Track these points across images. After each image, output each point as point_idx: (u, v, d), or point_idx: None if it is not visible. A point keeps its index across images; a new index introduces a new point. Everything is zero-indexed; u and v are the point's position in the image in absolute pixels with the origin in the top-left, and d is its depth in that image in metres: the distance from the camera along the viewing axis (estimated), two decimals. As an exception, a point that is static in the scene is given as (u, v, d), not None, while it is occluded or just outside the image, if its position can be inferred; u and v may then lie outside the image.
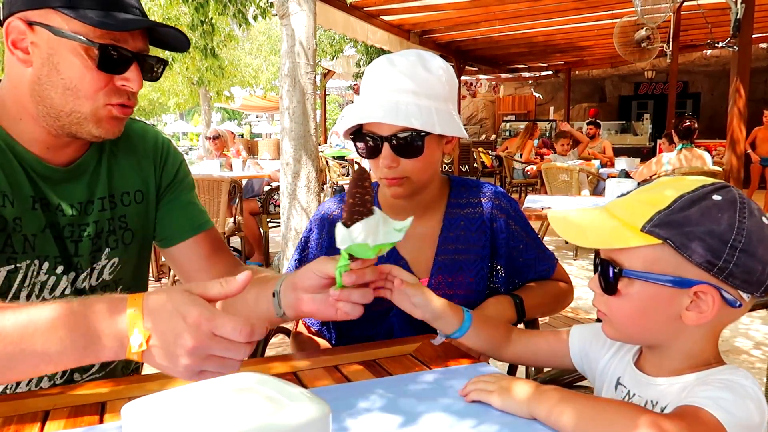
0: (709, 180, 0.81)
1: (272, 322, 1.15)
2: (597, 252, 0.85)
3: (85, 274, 1.14)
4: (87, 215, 1.13)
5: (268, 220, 5.38)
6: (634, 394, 0.87)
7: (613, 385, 0.92)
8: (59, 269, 1.09)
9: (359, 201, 0.89)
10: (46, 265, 1.07)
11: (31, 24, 0.97)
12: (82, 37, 0.97)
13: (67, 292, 1.11)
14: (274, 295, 1.09)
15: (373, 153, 1.21)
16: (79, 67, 0.98)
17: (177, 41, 1.07)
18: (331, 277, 0.96)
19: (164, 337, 0.74)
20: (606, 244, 0.81)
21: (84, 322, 0.75)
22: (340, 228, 0.90)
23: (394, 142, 1.18)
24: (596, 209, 0.85)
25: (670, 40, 7.37)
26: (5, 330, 0.74)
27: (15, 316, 0.75)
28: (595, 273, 0.85)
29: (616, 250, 0.81)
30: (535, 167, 6.98)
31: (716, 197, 0.77)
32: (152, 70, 1.08)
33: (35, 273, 1.07)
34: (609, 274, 0.81)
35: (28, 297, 1.07)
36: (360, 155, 1.26)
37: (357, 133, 1.23)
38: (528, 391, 0.82)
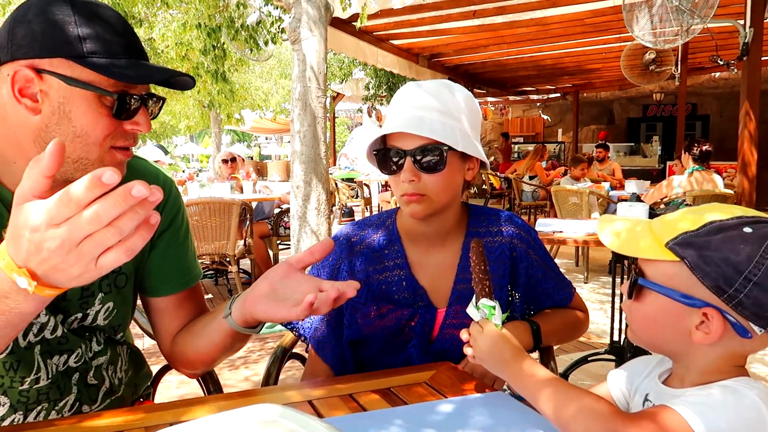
0: (754, 212, 0.82)
1: (221, 335, 1.11)
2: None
3: (73, 318, 1.11)
4: None
5: (278, 242, 5.39)
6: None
7: (641, 402, 0.92)
8: (50, 310, 1.06)
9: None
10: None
11: (39, 72, 0.93)
12: (96, 87, 0.95)
13: (65, 332, 1.09)
14: (232, 301, 1.10)
15: (395, 168, 1.22)
16: (93, 115, 0.96)
17: (184, 84, 1.05)
18: (304, 265, 1.02)
19: (36, 255, 0.68)
20: (630, 251, 0.86)
21: None
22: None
23: (416, 156, 1.19)
24: (642, 220, 0.90)
25: (678, 62, 7.40)
26: None
27: None
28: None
29: (644, 260, 0.85)
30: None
31: (747, 229, 0.77)
32: (154, 109, 1.06)
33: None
34: (632, 280, 0.87)
35: (25, 336, 1.05)
36: (382, 172, 1.27)
37: (379, 151, 1.25)
38: (504, 366, 0.92)
